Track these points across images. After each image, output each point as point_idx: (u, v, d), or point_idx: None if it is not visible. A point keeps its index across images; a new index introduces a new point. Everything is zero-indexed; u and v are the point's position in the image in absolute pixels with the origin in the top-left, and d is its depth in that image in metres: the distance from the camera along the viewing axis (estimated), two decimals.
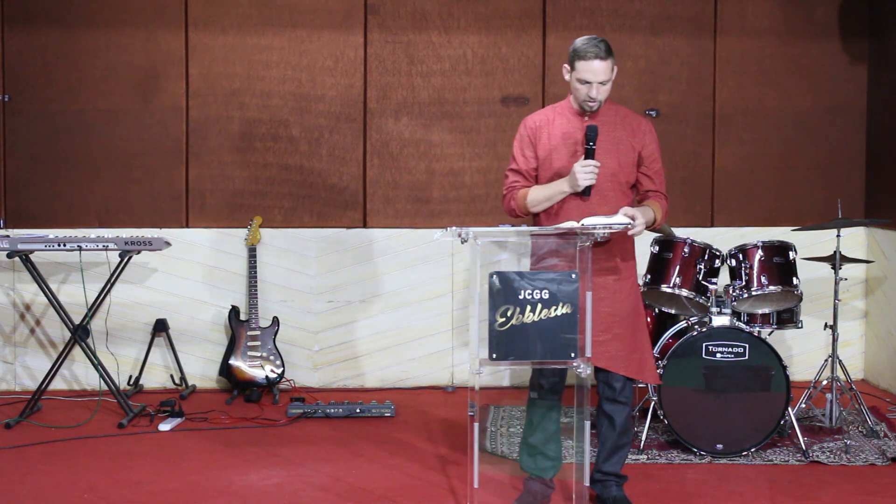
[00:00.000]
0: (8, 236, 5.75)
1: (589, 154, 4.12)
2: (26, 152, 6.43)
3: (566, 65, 4.21)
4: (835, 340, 5.52)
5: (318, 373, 6.58)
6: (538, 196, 4.24)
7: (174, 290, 6.47)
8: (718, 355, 5.07)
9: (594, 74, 4.12)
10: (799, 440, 5.11)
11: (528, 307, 3.93)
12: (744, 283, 5.38)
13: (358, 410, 5.84)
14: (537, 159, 4.27)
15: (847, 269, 6.11)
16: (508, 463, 4.99)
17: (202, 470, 4.90)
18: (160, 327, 6.39)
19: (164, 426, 5.56)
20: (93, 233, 6.23)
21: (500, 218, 6.50)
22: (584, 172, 4.10)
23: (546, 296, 3.94)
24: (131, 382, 6.36)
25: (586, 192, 4.14)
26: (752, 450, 5.07)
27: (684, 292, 5.31)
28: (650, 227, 4.24)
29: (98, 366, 5.78)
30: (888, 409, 5.92)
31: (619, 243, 4.23)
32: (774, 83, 6.68)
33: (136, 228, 6.37)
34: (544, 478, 4.39)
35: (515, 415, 5.86)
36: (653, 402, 5.27)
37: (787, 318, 5.56)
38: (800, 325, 5.59)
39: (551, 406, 4.35)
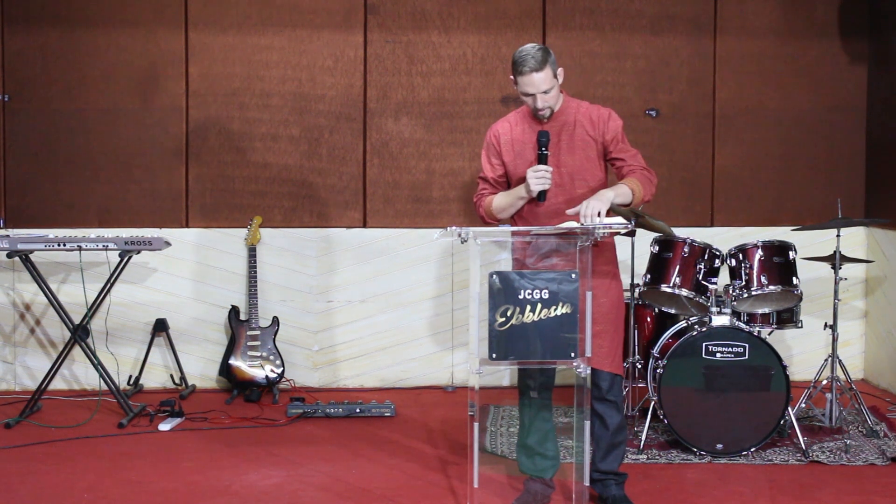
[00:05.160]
0: (8, 236, 5.75)
1: (542, 159, 4.13)
2: (26, 152, 6.43)
3: (511, 76, 4.20)
4: (835, 340, 5.52)
5: (317, 373, 6.58)
6: (501, 203, 4.30)
7: (174, 290, 6.47)
8: (718, 355, 5.07)
9: (534, 86, 4.12)
10: (799, 440, 5.11)
11: (528, 307, 3.94)
12: (744, 282, 5.38)
13: (358, 410, 5.85)
14: (504, 166, 4.31)
15: (847, 269, 6.11)
16: (508, 463, 4.99)
17: (202, 470, 4.90)
18: (160, 327, 6.39)
19: (164, 426, 5.56)
20: (93, 233, 6.22)
21: None
22: (536, 178, 4.12)
23: (546, 295, 3.94)
24: (131, 382, 6.36)
25: (541, 196, 4.15)
26: (752, 450, 5.07)
27: (684, 292, 5.31)
28: (635, 203, 4.13)
29: (98, 366, 5.78)
30: (888, 409, 5.92)
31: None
32: (774, 83, 6.68)
33: (136, 228, 6.37)
34: (544, 478, 4.39)
35: (515, 415, 5.85)
36: (653, 402, 5.27)
37: (787, 318, 5.56)
38: (800, 325, 5.59)
39: (541, 406, 4.36)
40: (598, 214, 3.96)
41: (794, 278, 5.41)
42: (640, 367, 5.51)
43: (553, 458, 4.40)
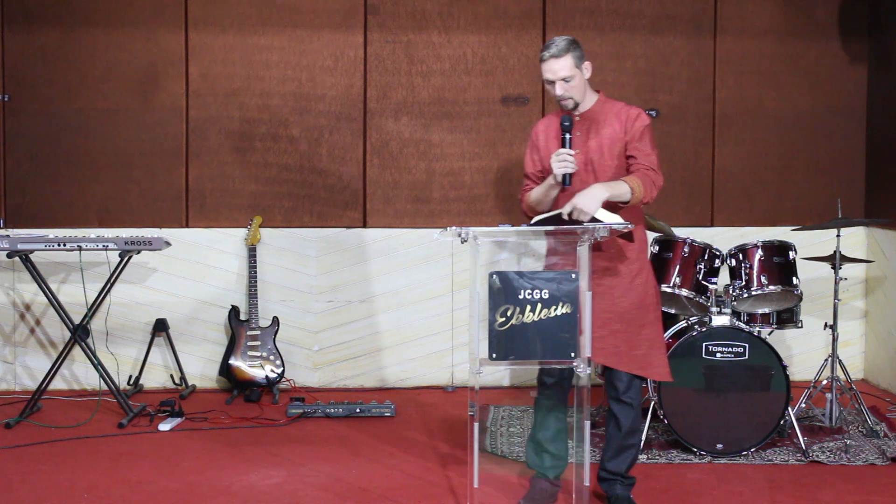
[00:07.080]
0: (8, 236, 5.75)
1: (564, 144, 4.16)
2: (26, 152, 6.43)
3: None
4: (835, 340, 5.52)
5: (318, 373, 6.58)
6: (537, 195, 4.32)
7: (174, 290, 6.47)
8: (718, 355, 5.07)
9: (552, 73, 4.16)
10: (799, 440, 5.11)
11: (528, 307, 3.93)
12: (744, 282, 5.38)
13: (358, 410, 5.84)
14: (542, 161, 4.34)
15: (847, 269, 6.11)
16: (508, 462, 4.99)
17: (202, 470, 4.90)
18: (160, 327, 6.39)
19: (164, 426, 5.56)
20: (93, 233, 6.23)
21: (499, 218, 6.51)
22: (558, 161, 4.14)
23: (546, 295, 3.94)
24: (131, 382, 6.37)
25: (566, 180, 4.16)
26: (752, 450, 5.07)
27: (684, 292, 5.31)
28: (633, 202, 4.11)
29: (98, 366, 5.78)
30: (888, 409, 5.92)
31: (612, 241, 4.23)
32: (774, 83, 6.68)
33: (136, 228, 6.38)
34: (549, 477, 4.39)
35: (515, 415, 5.86)
36: (653, 402, 5.27)
37: (787, 318, 5.56)
38: (800, 325, 5.59)
39: (556, 404, 4.34)
40: (593, 218, 3.97)
41: (794, 278, 5.41)
42: None
43: (560, 458, 4.40)
